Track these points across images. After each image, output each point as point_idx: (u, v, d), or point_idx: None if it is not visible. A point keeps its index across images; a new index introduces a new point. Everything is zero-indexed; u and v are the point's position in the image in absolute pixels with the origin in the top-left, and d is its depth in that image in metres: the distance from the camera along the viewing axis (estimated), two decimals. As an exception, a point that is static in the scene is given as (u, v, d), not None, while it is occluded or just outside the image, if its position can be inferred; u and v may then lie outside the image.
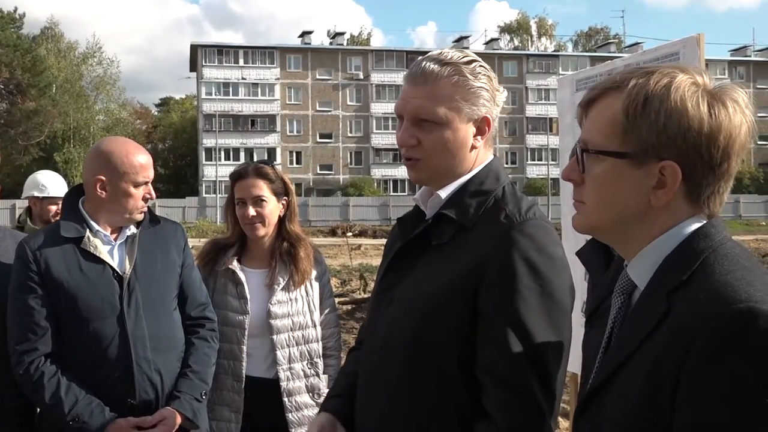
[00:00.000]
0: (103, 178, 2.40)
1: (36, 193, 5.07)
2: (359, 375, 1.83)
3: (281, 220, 2.91)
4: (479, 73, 1.68)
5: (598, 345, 1.30)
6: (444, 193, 1.70)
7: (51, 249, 2.38)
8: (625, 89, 1.18)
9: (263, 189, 2.82)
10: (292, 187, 2.97)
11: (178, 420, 2.44)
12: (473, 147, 1.70)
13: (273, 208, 2.85)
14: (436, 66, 1.66)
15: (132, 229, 2.50)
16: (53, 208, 5.06)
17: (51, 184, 5.09)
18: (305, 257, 2.88)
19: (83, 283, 2.36)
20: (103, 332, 2.36)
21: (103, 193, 2.41)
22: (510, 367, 1.52)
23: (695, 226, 1.17)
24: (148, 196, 2.48)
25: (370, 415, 1.74)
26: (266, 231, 2.86)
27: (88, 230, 2.43)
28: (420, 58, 1.72)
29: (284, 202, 2.90)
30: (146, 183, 2.47)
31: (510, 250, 1.56)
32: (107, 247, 2.45)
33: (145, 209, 2.51)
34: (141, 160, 2.44)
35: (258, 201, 2.82)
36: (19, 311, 2.36)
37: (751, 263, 1.11)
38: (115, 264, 2.42)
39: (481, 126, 1.70)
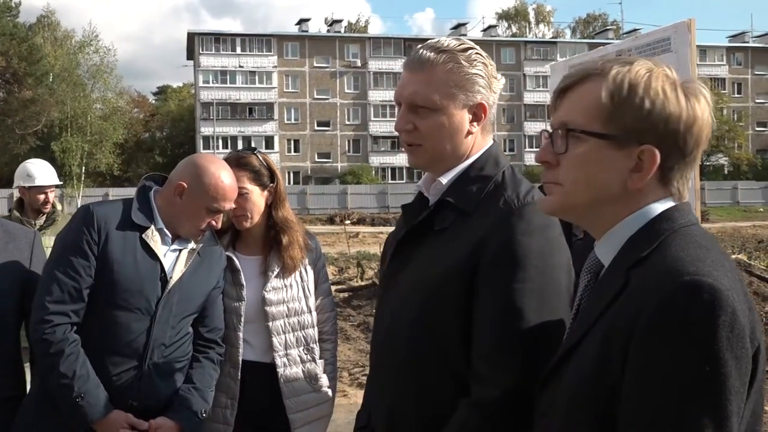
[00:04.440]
0: (185, 185, 2.40)
1: (23, 183, 5.03)
2: (370, 364, 1.90)
3: (270, 208, 2.88)
4: (474, 60, 1.73)
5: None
6: (445, 179, 1.76)
7: (116, 226, 2.35)
8: (608, 75, 1.22)
9: (243, 181, 2.75)
10: (279, 173, 2.93)
11: (175, 431, 2.43)
12: (469, 132, 1.75)
13: (257, 199, 2.80)
14: (432, 53, 1.72)
15: (192, 244, 2.50)
16: (41, 197, 5.01)
17: (39, 173, 5.05)
18: (289, 244, 2.84)
19: (132, 272, 2.33)
20: (129, 327, 2.34)
21: (178, 198, 2.42)
22: (496, 345, 1.57)
23: (662, 208, 1.21)
24: (213, 223, 2.47)
25: (380, 398, 1.81)
26: (251, 222, 2.82)
27: (153, 224, 2.42)
28: (419, 46, 1.78)
29: (271, 189, 2.86)
30: (219, 212, 2.47)
31: (507, 233, 1.61)
32: (165, 248, 2.44)
33: (203, 235, 2.50)
34: (227, 190, 2.45)
35: (239, 194, 2.77)
36: (63, 271, 2.27)
37: (710, 244, 1.15)
38: (166, 266, 2.41)
39: (477, 112, 1.75)
